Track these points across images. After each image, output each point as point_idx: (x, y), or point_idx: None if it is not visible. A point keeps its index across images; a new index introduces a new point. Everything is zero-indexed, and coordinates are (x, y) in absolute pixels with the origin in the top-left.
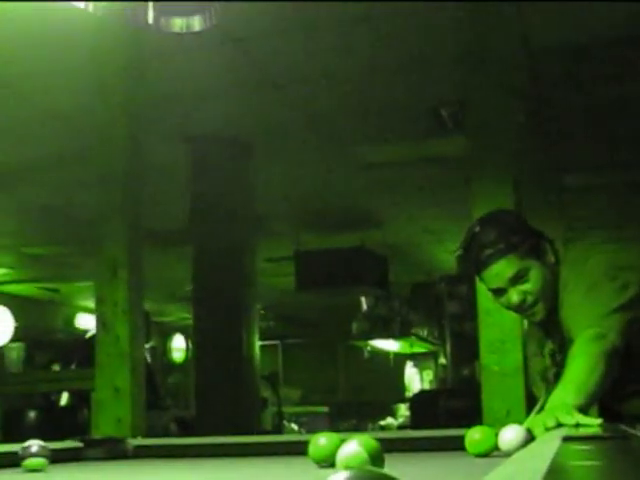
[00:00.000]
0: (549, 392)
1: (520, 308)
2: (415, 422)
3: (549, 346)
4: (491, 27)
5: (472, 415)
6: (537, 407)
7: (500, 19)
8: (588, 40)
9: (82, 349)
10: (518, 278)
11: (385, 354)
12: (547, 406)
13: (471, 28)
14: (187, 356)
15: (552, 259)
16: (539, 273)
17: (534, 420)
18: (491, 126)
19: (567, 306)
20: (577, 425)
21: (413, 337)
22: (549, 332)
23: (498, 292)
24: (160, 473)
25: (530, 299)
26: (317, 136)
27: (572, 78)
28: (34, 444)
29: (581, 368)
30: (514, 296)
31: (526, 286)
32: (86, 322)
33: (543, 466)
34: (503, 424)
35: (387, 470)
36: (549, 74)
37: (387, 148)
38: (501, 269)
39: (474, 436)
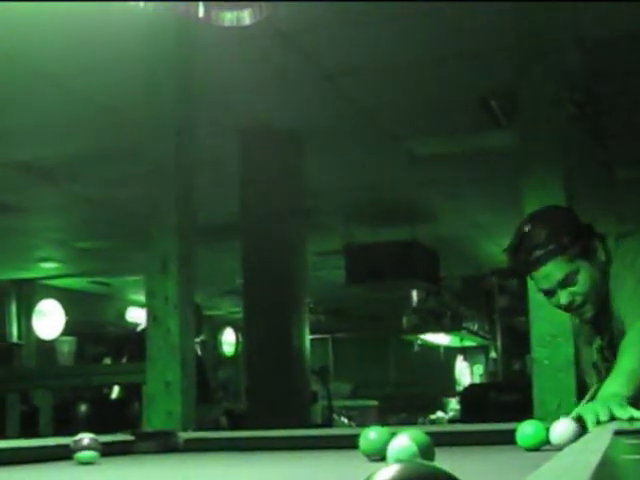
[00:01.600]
0: (600, 381)
1: (569, 308)
2: (465, 416)
3: (597, 342)
4: (542, 18)
5: (523, 409)
6: (588, 396)
7: (551, 10)
8: None
9: (133, 343)
10: (567, 281)
11: (435, 348)
12: (598, 396)
13: (522, 20)
14: (237, 350)
15: (602, 258)
16: (588, 274)
17: (585, 408)
18: (542, 119)
19: (618, 300)
20: (631, 419)
21: (464, 331)
22: (599, 328)
23: (547, 293)
24: (210, 466)
25: (579, 300)
26: (367, 129)
27: (623, 69)
28: (85, 437)
29: (633, 359)
30: (562, 298)
31: (575, 288)
32: (137, 316)
33: (594, 460)
34: (554, 418)
35: (437, 464)
36: (600, 66)
37: (437, 141)
38: (550, 271)
39: (525, 430)
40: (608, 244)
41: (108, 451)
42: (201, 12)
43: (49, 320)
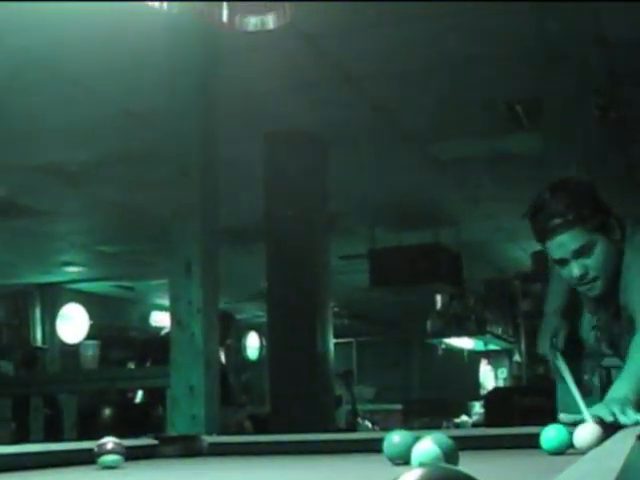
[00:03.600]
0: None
1: (580, 282)
2: (489, 420)
3: (603, 317)
4: (565, 23)
5: (547, 413)
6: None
7: (575, 15)
8: None
9: (157, 347)
10: (582, 252)
11: (459, 352)
12: (607, 397)
13: (545, 24)
14: (261, 354)
15: (618, 237)
16: (604, 249)
17: (599, 408)
18: (566, 122)
19: (629, 290)
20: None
21: (488, 335)
22: (605, 304)
23: (560, 262)
24: (235, 471)
25: (592, 274)
26: (391, 133)
27: None
28: (109, 441)
29: None
30: (575, 269)
31: (589, 261)
32: (161, 320)
33: (618, 464)
34: (578, 422)
35: (461, 468)
36: (623, 69)
37: (461, 145)
38: (566, 240)
39: (549, 434)
40: (625, 226)
41: (132, 455)
42: (225, 17)
43: (73, 324)
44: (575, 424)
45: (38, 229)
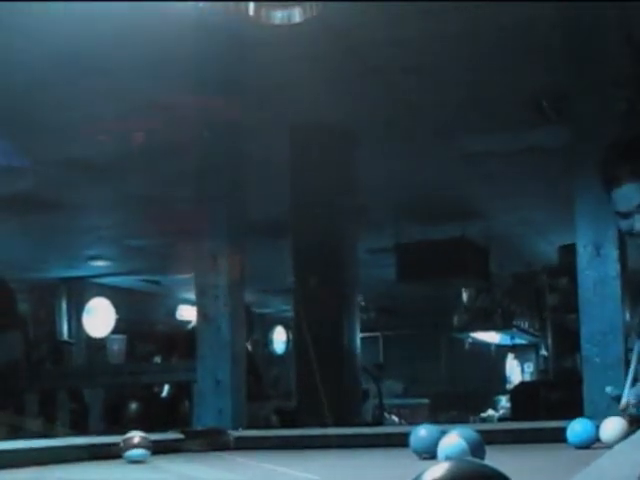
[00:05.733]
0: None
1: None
2: (516, 414)
3: None
4: (592, 17)
5: (573, 407)
6: (629, 378)
7: (601, 9)
8: None
9: (183, 341)
10: None
11: (486, 346)
12: None
13: (572, 19)
14: (288, 348)
15: None
16: None
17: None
18: (593, 116)
19: None
20: None
21: (514, 329)
22: None
23: (623, 216)
24: (261, 465)
25: None
26: (418, 126)
27: None
28: (136, 435)
29: None
30: (638, 224)
31: None
32: (187, 314)
33: None
34: (604, 416)
35: (488, 462)
36: None
37: (488, 139)
38: (633, 193)
39: (575, 428)
40: None
41: (158, 449)
42: (251, 11)
43: (99, 318)
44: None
45: (65, 223)
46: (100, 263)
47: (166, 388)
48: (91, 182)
